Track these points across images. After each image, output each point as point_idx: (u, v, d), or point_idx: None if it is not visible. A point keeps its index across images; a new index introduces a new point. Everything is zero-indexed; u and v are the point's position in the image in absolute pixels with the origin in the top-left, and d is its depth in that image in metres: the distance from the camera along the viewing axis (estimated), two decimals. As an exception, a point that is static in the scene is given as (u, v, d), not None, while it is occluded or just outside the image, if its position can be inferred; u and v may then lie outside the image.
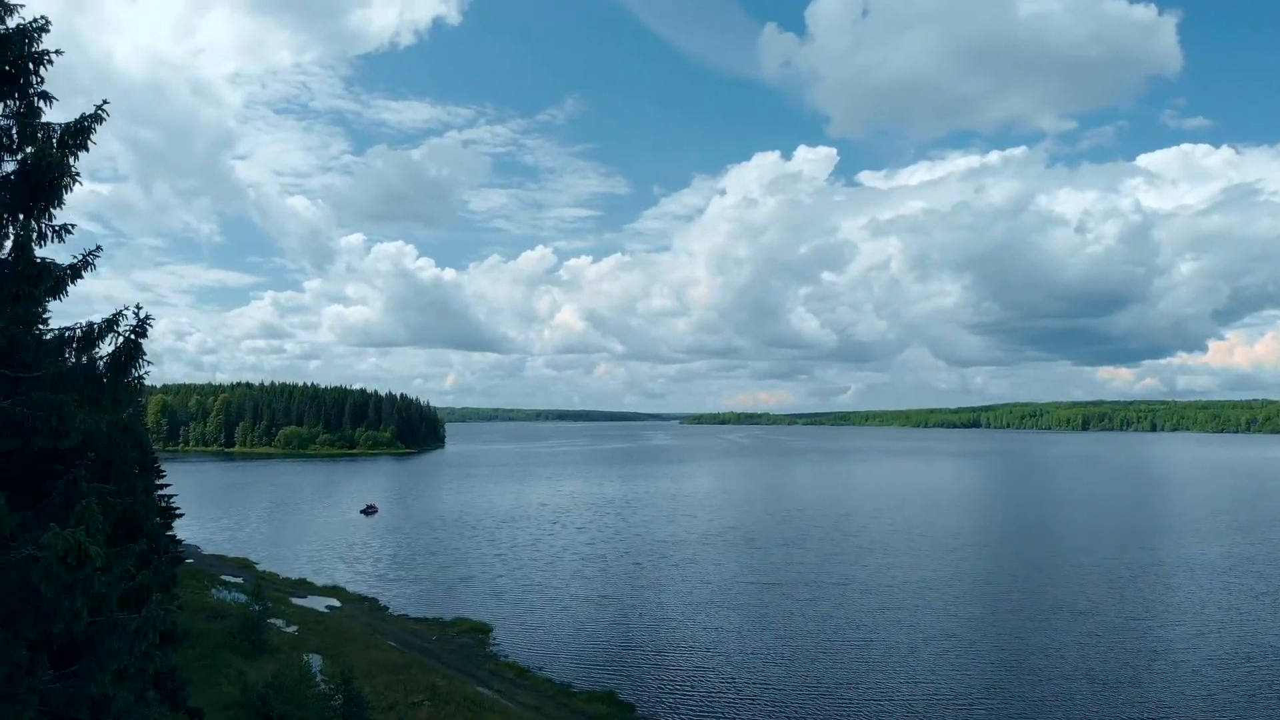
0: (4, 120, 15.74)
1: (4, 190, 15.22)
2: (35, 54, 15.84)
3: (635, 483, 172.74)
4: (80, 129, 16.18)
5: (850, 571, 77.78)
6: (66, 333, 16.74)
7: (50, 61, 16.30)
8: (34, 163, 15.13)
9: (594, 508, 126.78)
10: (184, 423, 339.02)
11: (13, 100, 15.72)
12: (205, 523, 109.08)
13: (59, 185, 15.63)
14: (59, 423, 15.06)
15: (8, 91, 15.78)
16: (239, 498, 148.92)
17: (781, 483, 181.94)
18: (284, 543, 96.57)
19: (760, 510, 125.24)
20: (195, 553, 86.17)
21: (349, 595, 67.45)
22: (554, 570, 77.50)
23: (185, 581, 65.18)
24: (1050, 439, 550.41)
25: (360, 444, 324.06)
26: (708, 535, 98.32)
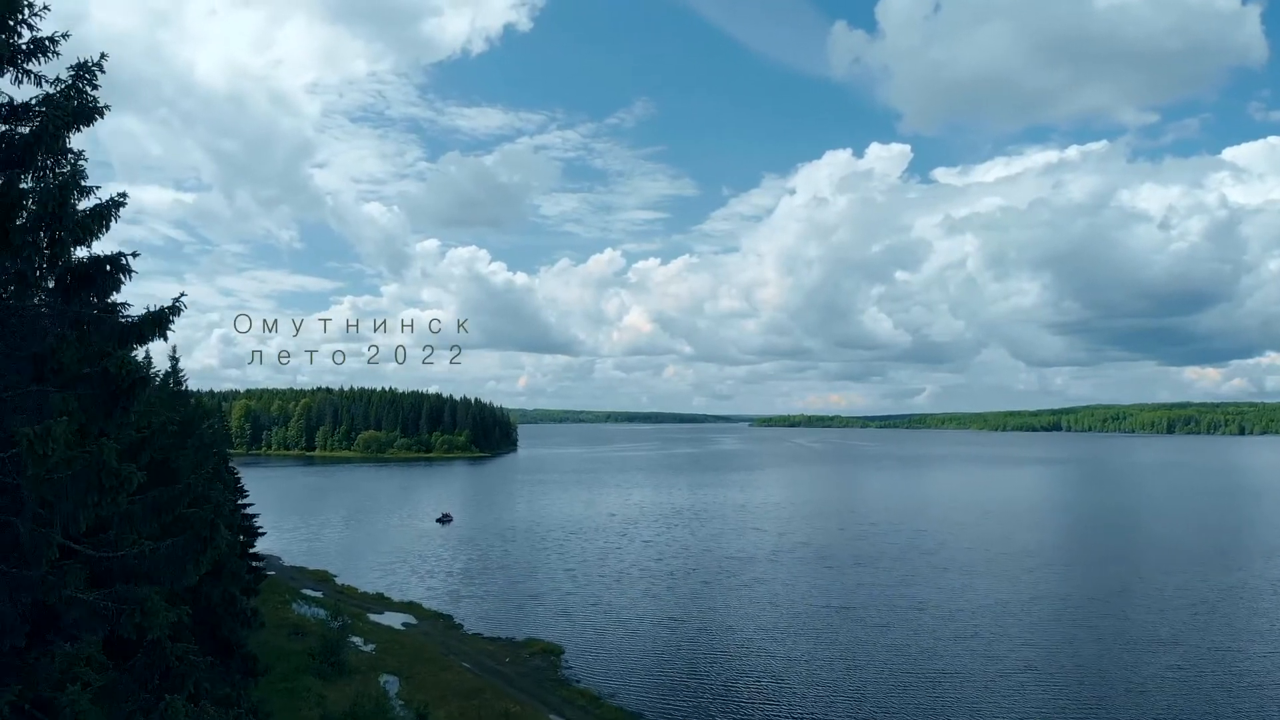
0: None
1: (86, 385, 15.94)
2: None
3: (703, 492, 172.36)
4: (101, 214, 16.87)
5: (926, 594, 76.21)
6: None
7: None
8: (115, 371, 15.87)
9: (662, 519, 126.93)
10: (266, 427, 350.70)
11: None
12: (285, 532, 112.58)
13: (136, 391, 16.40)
14: (143, 618, 15.70)
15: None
16: (318, 505, 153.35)
17: (854, 494, 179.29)
18: (362, 553, 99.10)
19: (832, 524, 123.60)
20: (276, 564, 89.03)
21: (425, 612, 68.82)
22: (622, 588, 77.81)
23: (267, 595, 67.47)
24: (1134, 443, 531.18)
25: (436, 448, 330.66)
26: (777, 552, 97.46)
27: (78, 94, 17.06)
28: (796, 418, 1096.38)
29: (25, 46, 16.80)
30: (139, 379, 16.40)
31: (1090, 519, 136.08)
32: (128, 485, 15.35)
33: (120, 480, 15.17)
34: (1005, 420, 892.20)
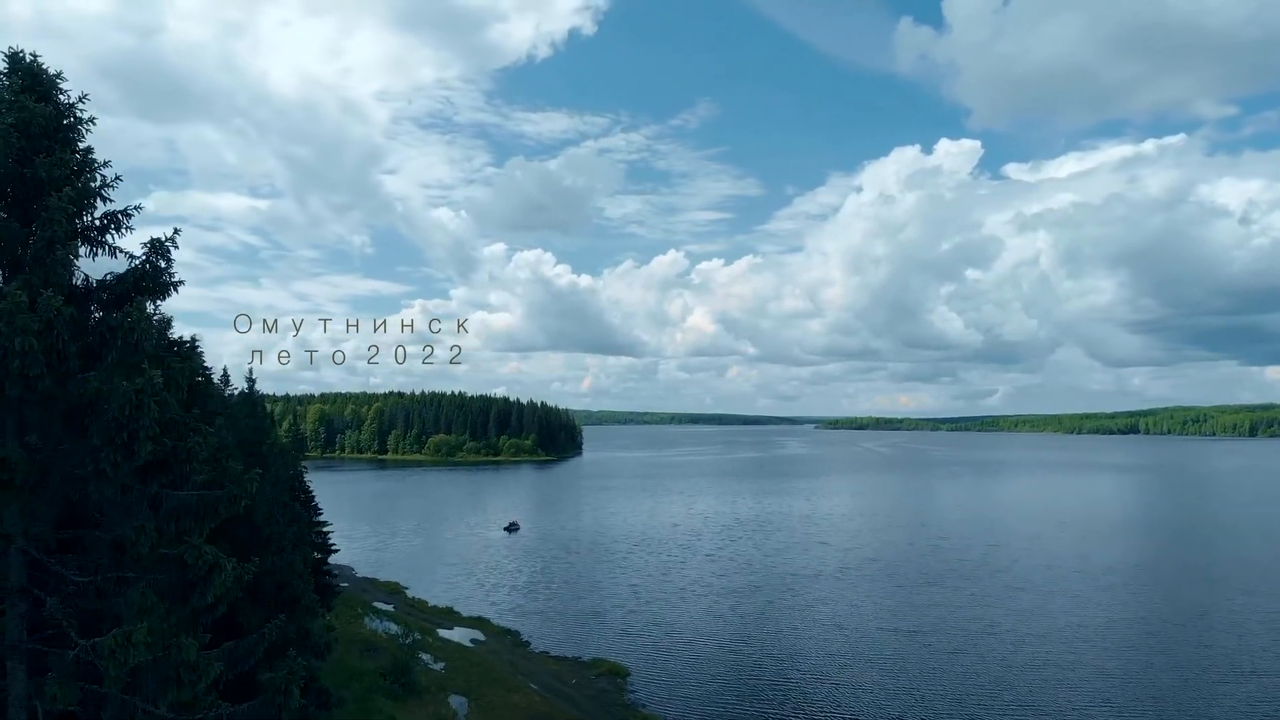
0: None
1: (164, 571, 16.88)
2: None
3: (767, 500, 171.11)
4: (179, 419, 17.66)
5: (997, 617, 74.51)
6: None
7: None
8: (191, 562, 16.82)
9: (725, 530, 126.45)
10: (340, 430, 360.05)
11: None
12: (357, 540, 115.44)
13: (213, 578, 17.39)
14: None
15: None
16: (389, 511, 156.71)
17: (923, 504, 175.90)
18: (431, 563, 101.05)
19: (900, 538, 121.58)
20: (349, 575, 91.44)
21: (493, 628, 69.89)
22: (685, 606, 77.74)
23: (340, 610, 69.30)
24: (1215, 447, 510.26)
25: (504, 451, 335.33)
26: (844, 569, 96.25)
27: (152, 269, 17.91)
28: (864, 420, 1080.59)
29: (99, 222, 17.71)
30: (214, 565, 17.12)
31: (1169, 532, 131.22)
32: (206, 675, 16.11)
33: (199, 673, 15.97)
34: (1080, 423, 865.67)
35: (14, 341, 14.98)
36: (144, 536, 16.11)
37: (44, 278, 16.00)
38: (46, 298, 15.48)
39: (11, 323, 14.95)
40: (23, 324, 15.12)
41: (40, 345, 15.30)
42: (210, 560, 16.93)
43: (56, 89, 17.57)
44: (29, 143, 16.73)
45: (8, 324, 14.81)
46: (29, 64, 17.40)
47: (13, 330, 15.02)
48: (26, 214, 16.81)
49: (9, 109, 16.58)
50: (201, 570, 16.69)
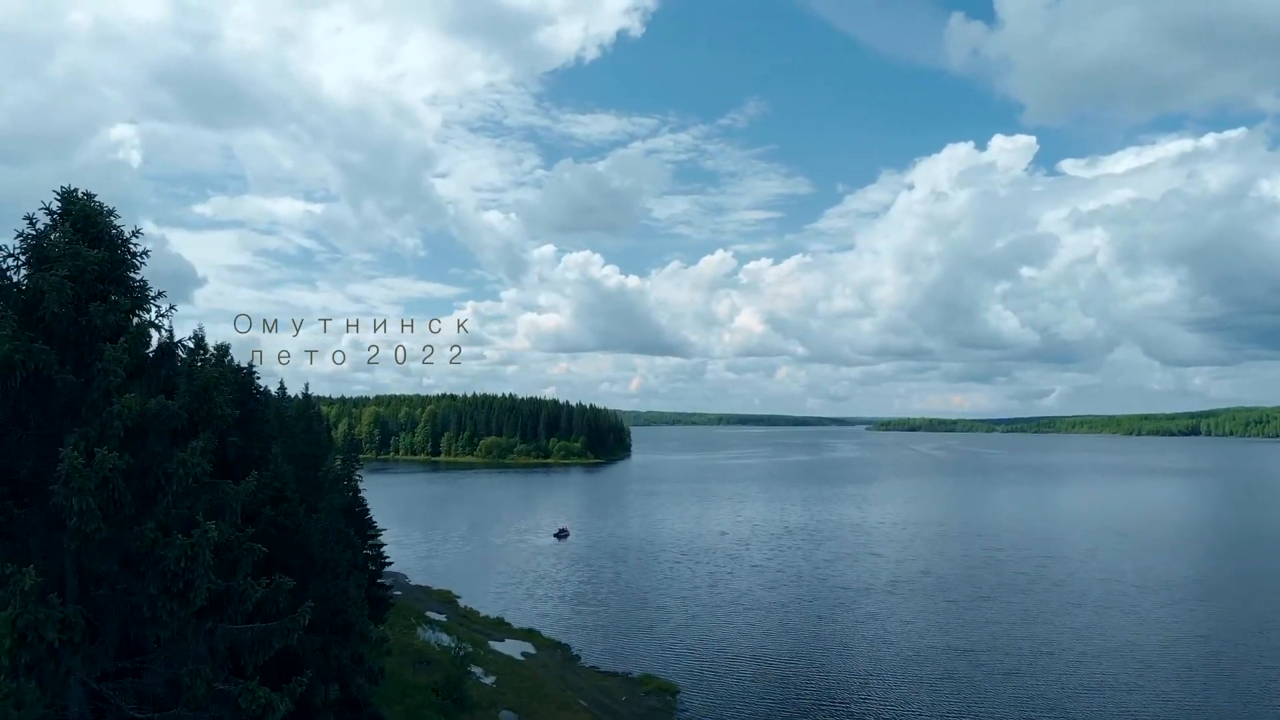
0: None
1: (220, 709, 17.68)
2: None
3: (817, 508, 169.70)
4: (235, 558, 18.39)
5: (1054, 635, 73.08)
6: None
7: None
8: (245, 705, 17.62)
9: (773, 539, 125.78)
10: (394, 433, 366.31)
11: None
12: (410, 547, 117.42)
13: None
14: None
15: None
16: (441, 516, 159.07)
17: (978, 512, 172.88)
18: (482, 571, 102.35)
19: (954, 549, 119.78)
20: (403, 583, 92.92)
21: (543, 640, 70.58)
22: (734, 620, 77.56)
23: (394, 620, 70.55)
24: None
25: (554, 454, 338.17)
26: (895, 582, 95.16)
27: (204, 406, 18.55)
28: (916, 421, 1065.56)
29: (152, 355, 18.33)
30: (267, 705, 17.71)
31: (1233, 542, 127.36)
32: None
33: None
34: (1139, 424, 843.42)
35: (72, 502, 15.54)
36: (198, 680, 16.73)
37: (100, 430, 16.52)
38: (102, 456, 15.95)
39: (69, 483, 15.49)
40: (79, 484, 15.58)
41: (97, 501, 15.85)
42: (263, 701, 17.52)
43: (110, 228, 18.13)
44: (83, 288, 17.34)
45: (65, 484, 15.41)
46: (82, 205, 17.94)
47: (70, 491, 15.54)
48: (82, 361, 17.45)
49: (63, 259, 17.15)
50: (255, 711, 17.28)
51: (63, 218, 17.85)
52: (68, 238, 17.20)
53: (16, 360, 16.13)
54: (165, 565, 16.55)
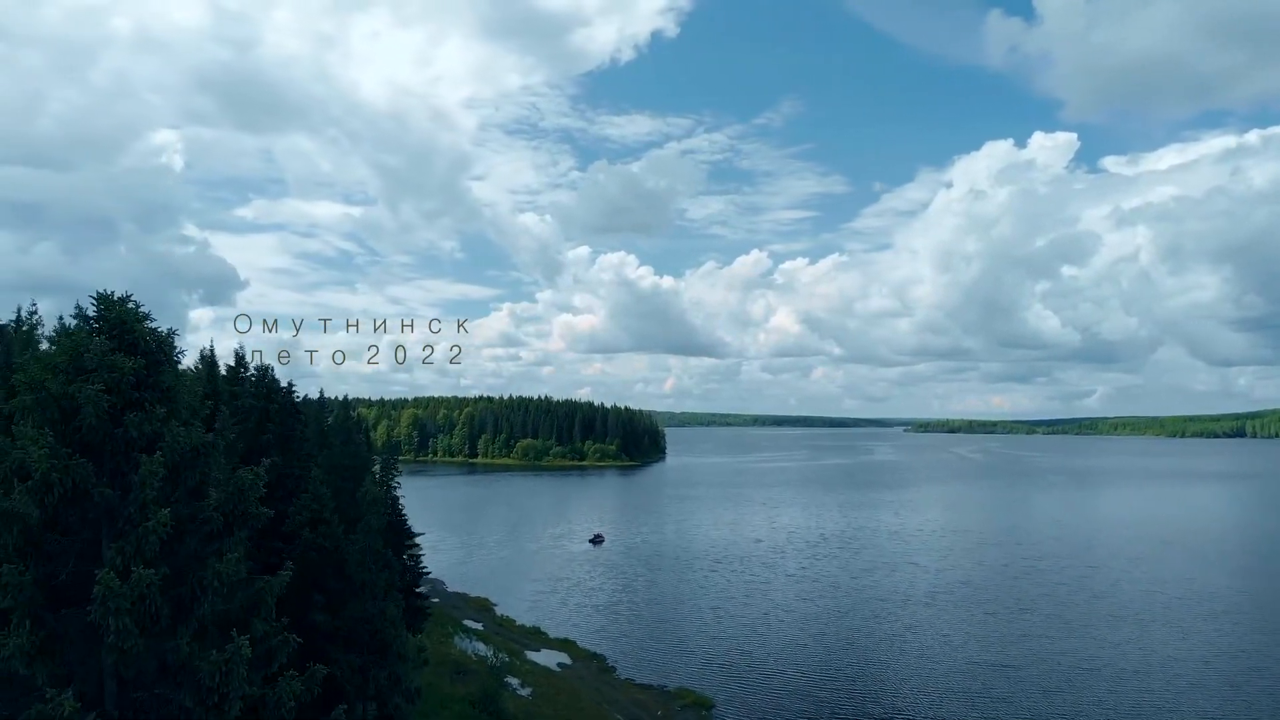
0: None
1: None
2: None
3: (855, 514, 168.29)
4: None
5: (1095, 650, 71.84)
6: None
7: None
8: None
9: (809, 547, 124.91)
10: (433, 434, 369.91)
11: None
12: (447, 552, 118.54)
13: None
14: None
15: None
16: (478, 520, 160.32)
17: (1018, 519, 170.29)
18: (518, 577, 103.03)
19: (994, 558, 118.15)
20: (440, 589, 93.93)
21: (579, 651, 70.89)
22: (769, 632, 77.13)
23: (431, 629, 71.29)
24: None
25: (589, 456, 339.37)
26: (933, 594, 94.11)
27: (240, 511, 18.92)
28: (956, 422, 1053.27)
29: (188, 453, 18.75)
30: None
31: None
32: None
33: None
34: (1184, 425, 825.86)
35: (109, 621, 15.87)
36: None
37: (136, 544, 16.76)
38: (139, 574, 16.23)
39: (105, 604, 15.80)
40: (116, 604, 15.86)
41: (133, 618, 16.17)
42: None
43: (146, 333, 18.42)
44: (120, 398, 17.61)
45: (102, 605, 15.77)
46: (119, 310, 18.13)
47: (107, 611, 15.85)
48: (119, 470, 17.72)
49: (100, 370, 17.41)
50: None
51: (99, 322, 18.18)
52: (104, 348, 17.50)
53: (54, 478, 16.45)
54: (200, 678, 16.92)
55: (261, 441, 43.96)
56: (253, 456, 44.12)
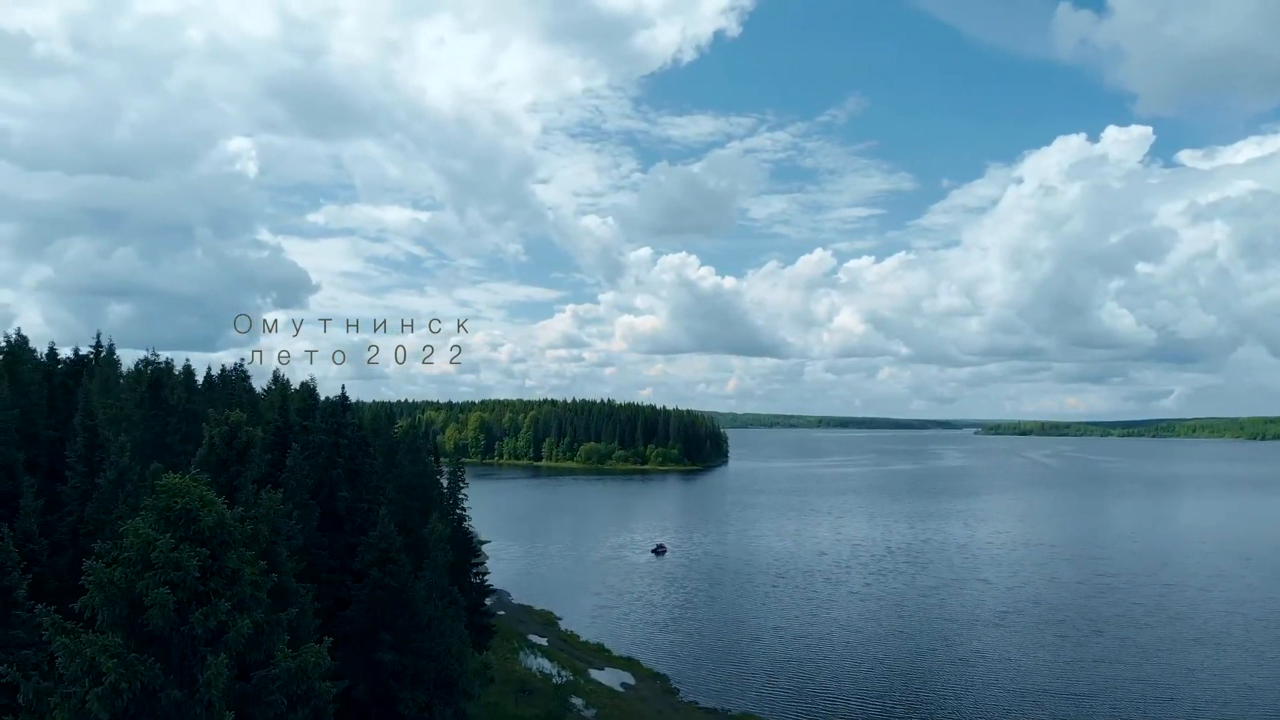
0: None
1: None
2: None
3: (922, 526, 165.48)
4: None
5: (1171, 677, 69.71)
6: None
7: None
8: None
9: (875, 561, 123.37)
10: (499, 437, 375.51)
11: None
12: (511, 561, 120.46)
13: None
14: None
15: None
16: (542, 527, 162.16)
17: (1092, 531, 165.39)
18: (581, 590, 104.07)
19: (1067, 574, 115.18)
20: (505, 601, 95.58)
21: (643, 670, 71.43)
22: (833, 654, 76.44)
23: (497, 644, 72.68)
24: None
25: (651, 460, 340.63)
26: (1004, 614, 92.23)
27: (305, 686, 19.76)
28: (1028, 424, 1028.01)
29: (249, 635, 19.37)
30: None
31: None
32: None
33: None
34: (1265, 427, 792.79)
35: None
36: None
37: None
38: None
39: None
40: None
41: None
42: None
43: (212, 520, 19.17)
44: (185, 592, 18.34)
45: None
46: (184, 502, 18.86)
47: None
48: (185, 666, 18.42)
49: (165, 568, 18.06)
50: None
51: (170, 514, 18.93)
52: (170, 548, 18.15)
53: (123, 686, 17.14)
54: None
55: (331, 476, 45.65)
56: (322, 490, 45.95)
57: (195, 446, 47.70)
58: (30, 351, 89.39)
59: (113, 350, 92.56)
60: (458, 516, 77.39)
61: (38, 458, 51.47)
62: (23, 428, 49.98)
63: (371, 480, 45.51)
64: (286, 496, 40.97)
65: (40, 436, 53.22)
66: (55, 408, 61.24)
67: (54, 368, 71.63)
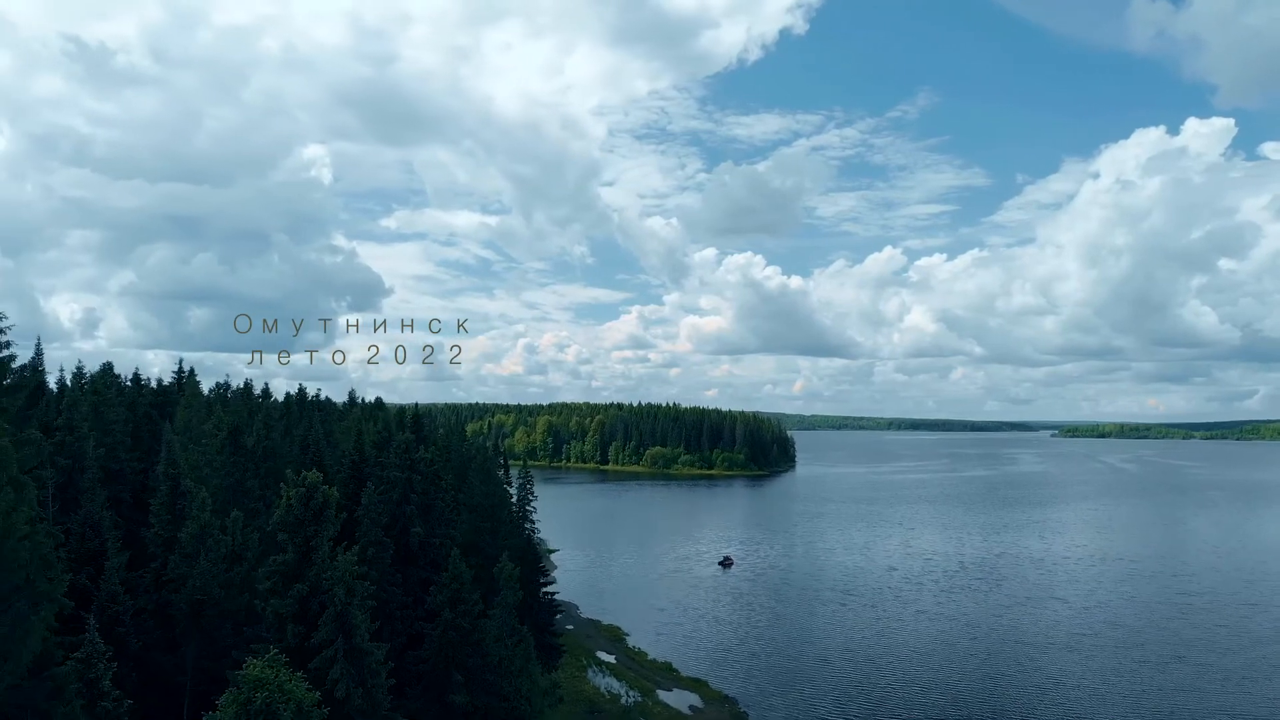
0: None
1: None
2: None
3: (995, 539, 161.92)
4: None
5: (1253, 709, 67.49)
6: None
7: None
8: None
9: (947, 578, 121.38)
10: (566, 441, 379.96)
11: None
12: (579, 572, 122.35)
13: None
14: None
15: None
16: (609, 535, 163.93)
17: (1175, 545, 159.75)
18: (647, 604, 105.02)
19: (1146, 594, 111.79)
20: (573, 614, 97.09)
21: (710, 692, 71.89)
22: (902, 679, 75.63)
23: (565, 662, 74.11)
24: None
25: (717, 465, 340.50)
26: (1079, 636, 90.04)
27: None
28: (1106, 427, 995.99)
29: None
30: None
31: None
32: None
33: None
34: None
35: None
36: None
37: None
38: None
39: None
40: None
41: None
42: None
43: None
44: None
45: None
46: (262, 698, 19.48)
47: None
48: None
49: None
50: None
51: (247, 714, 19.88)
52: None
53: None
54: None
55: (405, 511, 47.39)
56: (396, 526, 47.74)
57: (275, 485, 50.10)
58: (115, 379, 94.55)
59: (194, 376, 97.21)
60: (527, 534, 79.06)
61: (121, 493, 54.56)
62: (107, 464, 53.10)
63: (444, 514, 47.05)
64: (361, 534, 42.87)
65: (125, 473, 56.40)
66: (139, 439, 64.81)
67: (138, 397, 75.66)
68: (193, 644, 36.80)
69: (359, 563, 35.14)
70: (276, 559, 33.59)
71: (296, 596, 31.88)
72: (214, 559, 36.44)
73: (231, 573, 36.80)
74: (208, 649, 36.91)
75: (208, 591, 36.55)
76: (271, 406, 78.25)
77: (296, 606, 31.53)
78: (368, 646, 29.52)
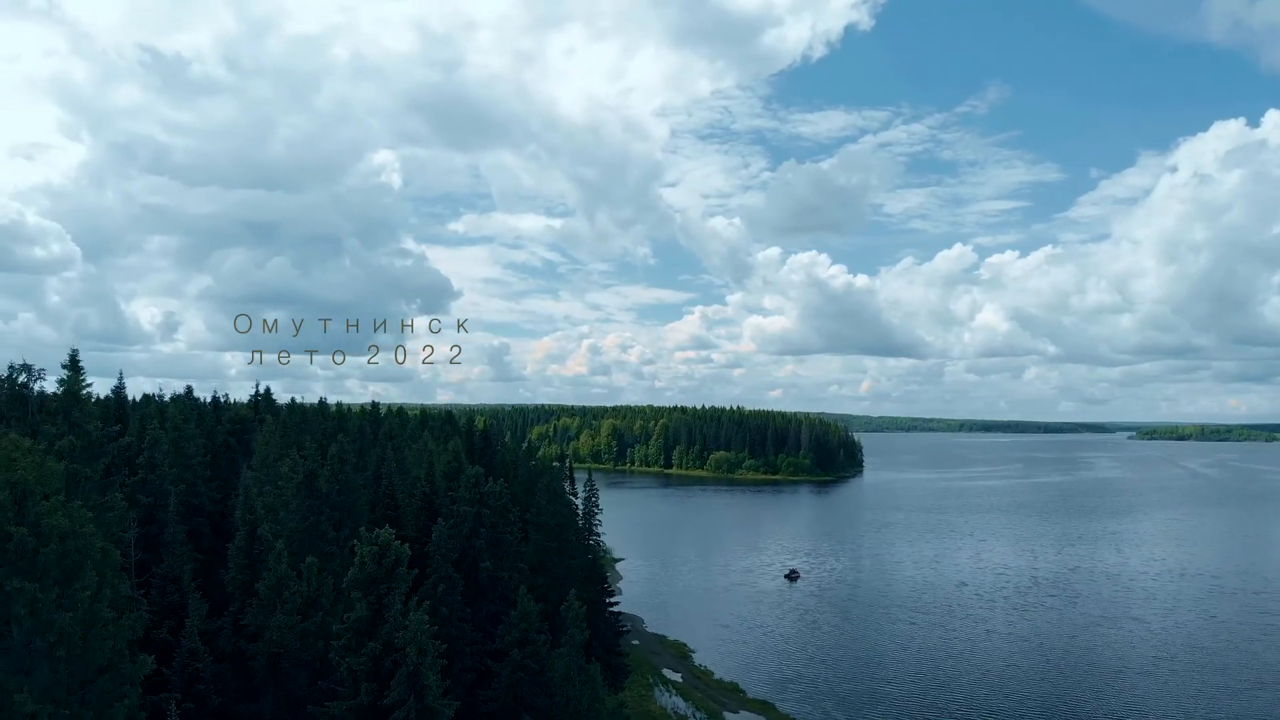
0: None
1: None
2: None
3: (1070, 551, 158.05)
4: None
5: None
6: None
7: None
8: None
9: (1020, 595, 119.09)
10: (630, 445, 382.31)
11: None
12: (643, 584, 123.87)
13: None
14: None
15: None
16: (673, 544, 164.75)
17: (1258, 558, 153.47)
18: (713, 618, 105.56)
19: (1227, 613, 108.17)
20: (638, 628, 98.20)
21: (777, 716, 72.29)
22: (970, 706, 74.80)
23: (632, 680, 75.26)
24: None
25: (782, 470, 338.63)
26: (1156, 660, 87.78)
27: None
28: (1186, 428, 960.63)
29: None
30: None
31: None
32: None
33: None
34: None
35: None
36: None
37: None
38: None
39: None
40: None
41: None
42: None
43: None
44: None
45: None
46: None
47: None
48: None
49: None
50: None
51: None
52: None
53: None
54: None
55: (474, 545, 48.92)
56: (465, 560, 49.29)
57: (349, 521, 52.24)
58: (196, 404, 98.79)
59: (271, 398, 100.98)
60: (593, 553, 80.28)
61: (201, 526, 57.37)
62: (187, 499, 55.91)
63: (512, 547, 48.39)
64: (431, 570, 44.40)
65: (204, 506, 59.28)
66: (217, 468, 67.89)
67: (216, 426, 79.16)
68: (270, 695, 38.67)
69: (429, 599, 36.60)
70: (349, 616, 35.25)
71: (370, 654, 33.43)
72: (289, 610, 38.23)
73: (307, 622, 38.60)
74: (283, 699, 38.70)
75: (285, 644, 38.47)
76: (345, 435, 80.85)
77: (370, 664, 33.12)
78: (439, 705, 30.86)
